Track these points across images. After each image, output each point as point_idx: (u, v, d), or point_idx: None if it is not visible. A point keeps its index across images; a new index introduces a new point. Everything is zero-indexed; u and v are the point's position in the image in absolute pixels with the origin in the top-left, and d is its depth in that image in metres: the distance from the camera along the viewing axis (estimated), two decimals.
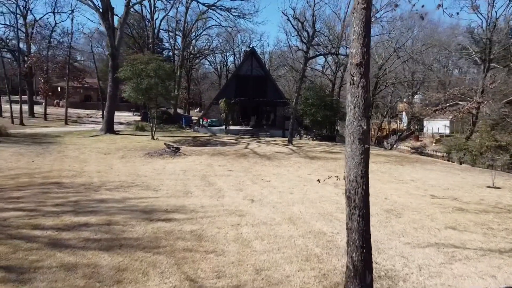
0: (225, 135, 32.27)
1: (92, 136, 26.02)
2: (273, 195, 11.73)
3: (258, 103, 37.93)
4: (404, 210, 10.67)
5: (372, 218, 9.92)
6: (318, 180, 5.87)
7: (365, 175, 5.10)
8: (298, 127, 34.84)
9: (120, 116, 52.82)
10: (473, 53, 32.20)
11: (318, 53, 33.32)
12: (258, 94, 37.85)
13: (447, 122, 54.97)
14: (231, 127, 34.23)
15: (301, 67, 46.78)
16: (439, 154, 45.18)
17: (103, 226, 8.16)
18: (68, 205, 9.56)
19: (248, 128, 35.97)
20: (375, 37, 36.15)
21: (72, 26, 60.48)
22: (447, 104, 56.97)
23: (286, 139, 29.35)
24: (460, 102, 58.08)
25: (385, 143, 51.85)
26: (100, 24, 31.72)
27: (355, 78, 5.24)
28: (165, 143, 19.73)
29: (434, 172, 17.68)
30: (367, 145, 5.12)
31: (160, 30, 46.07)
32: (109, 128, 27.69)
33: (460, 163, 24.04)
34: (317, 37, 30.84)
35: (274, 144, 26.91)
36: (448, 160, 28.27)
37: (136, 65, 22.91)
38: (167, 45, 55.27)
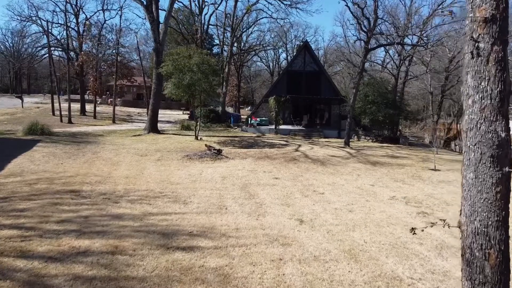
0: (275, 135, 30.23)
1: (134, 136, 25.13)
2: (327, 214, 9.48)
3: (312, 100, 35.48)
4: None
5: None
6: (413, 230, 3.51)
7: (503, 225, 2.79)
8: (356, 127, 31.98)
9: (170, 114, 52.80)
10: None
11: (380, 44, 30.14)
12: (312, 91, 35.43)
13: None
14: (282, 127, 32.13)
15: (359, 61, 43.59)
16: None
17: (106, 255, 6.42)
18: (75, 222, 7.99)
19: (300, 128, 33.66)
20: (444, 26, 32.35)
21: (120, 23, 61.19)
22: None
23: (342, 140, 26.74)
24: None
25: (452, 145, 47.15)
26: (145, 19, 30.97)
27: (481, 45, 2.94)
28: (205, 145, 18.07)
29: None
30: (508, 169, 2.81)
31: (210, 26, 45.05)
32: (153, 127, 26.70)
33: None
34: (379, 25, 27.83)
35: (328, 146, 24.43)
36: None
37: (178, 59, 21.51)
38: (217, 41, 54.25)
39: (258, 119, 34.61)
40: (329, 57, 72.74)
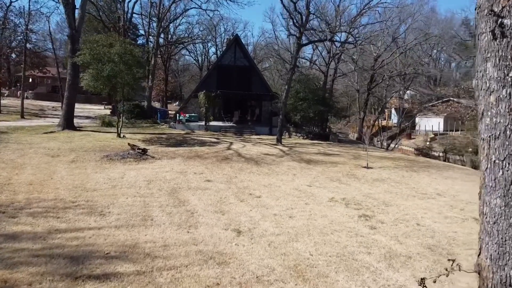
0: (205, 132, 29.00)
1: (46, 133, 22.37)
2: (266, 221, 8.62)
3: (243, 96, 34.75)
4: (453, 246, 7.71)
5: (414, 262, 6.93)
6: (422, 283, 2.67)
7: None
8: (287, 123, 31.85)
9: (90, 109, 48.99)
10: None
11: (312, 40, 30.17)
12: (242, 86, 34.69)
13: (441, 120, 52.98)
14: (212, 123, 30.97)
15: (289, 57, 43.71)
16: (436, 153, 43.25)
17: None
18: None
19: (231, 124, 32.76)
20: (368, 25, 33.48)
21: (29, 5, 55.06)
22: (440, 101, 55.34)
23: (274, 137, 26.37)
24: (453, 99, 56.62)
25: (375, 140, 49.49)
26: (59, 2, 27.89)
27: (506, 21, 2.16)
28: (129, 143, 16.36)
29: (457, 182, 14.88)
30: None
31: (134, 15, 42.21)
32: (68, 123, 24.03)
33: (476, 168, 21.45)
34: (311, 21, 27.79)
35: (261, 144, 23.81)
36: (454, 163, 25.79)
37: (97, 48, 19.33)
38: (142, 32, 51.24)
39: (187, 115, 33.07)
40: (258, 53, 72.90)
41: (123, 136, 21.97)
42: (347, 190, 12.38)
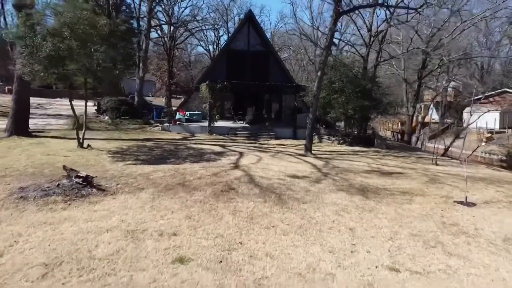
0: (208, 135, 22.75)
1: None
2: None
3: (258, 88, 28.16)
4: None
5: None
6: None
7: None
8: (316, 123, 25.32)
9: (78, 106, 43.24)
10: None
11: (357, 5, 23.32)
12: (258, 76, 28.23)
13: (497, 115, 45.74)
14: (218, 124, 24.75)
15: (315, 42, 37.07)
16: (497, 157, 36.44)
17: None
18: None
19: (243, 124, 26.45)
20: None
21: None
22: (494, 92, 48.02)
23: (300, 142, 20.17)
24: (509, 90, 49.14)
25: (413, 139, 42.66)
26: None
27: None
28: (64, 167, 10.16)
29: None
30: None
31: None
32: (19, 126, 18.04)
33: None
34: None
35: (283, 154, 17.41)
36: None
37: (33, 14, 13.19)
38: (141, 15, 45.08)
39: (187, 113, 26.89)
40: (277, 41, 66.56)
41: (88, 145, 15.98)
42: (476, 277, 5.86)
